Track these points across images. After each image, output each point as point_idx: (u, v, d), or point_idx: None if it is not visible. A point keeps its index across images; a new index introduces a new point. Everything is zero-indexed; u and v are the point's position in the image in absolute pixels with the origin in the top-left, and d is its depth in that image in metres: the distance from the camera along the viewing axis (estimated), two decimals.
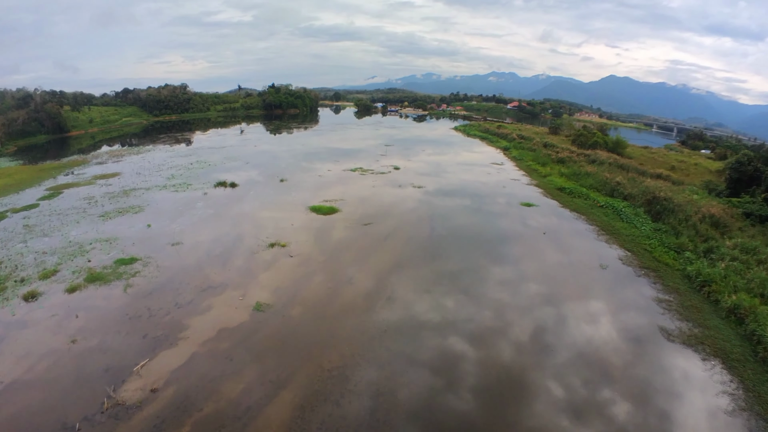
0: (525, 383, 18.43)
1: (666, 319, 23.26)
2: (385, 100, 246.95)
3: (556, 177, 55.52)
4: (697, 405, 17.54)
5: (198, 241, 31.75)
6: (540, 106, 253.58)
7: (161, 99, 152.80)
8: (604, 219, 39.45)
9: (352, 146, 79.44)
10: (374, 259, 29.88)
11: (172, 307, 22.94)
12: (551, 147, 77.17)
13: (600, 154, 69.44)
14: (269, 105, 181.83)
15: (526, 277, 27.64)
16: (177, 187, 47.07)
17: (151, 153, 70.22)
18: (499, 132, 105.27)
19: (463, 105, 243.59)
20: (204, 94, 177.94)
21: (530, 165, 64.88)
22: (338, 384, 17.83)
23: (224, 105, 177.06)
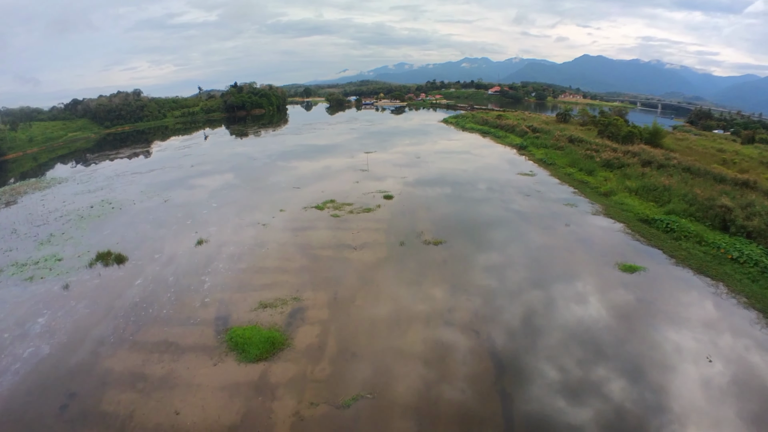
0: None
1: None
2: (358, 93, 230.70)
3: (625, 196, 39.14)
4: None
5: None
6: (523, 90, 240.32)
7: (112, 108, 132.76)
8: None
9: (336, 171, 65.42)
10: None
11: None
12: (581, 143, 62.00)
13: (649, 150, 54.05)
14: (231, 107, 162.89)
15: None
16: (35, 269, 27.63)
17: (61, 187, 51.57)
18: (502, 124, 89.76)
19: (441, 93, 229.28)
20: (160, 100, 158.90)
21: (572, 174, 48.82)
22: None
23: (183, 110, 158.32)
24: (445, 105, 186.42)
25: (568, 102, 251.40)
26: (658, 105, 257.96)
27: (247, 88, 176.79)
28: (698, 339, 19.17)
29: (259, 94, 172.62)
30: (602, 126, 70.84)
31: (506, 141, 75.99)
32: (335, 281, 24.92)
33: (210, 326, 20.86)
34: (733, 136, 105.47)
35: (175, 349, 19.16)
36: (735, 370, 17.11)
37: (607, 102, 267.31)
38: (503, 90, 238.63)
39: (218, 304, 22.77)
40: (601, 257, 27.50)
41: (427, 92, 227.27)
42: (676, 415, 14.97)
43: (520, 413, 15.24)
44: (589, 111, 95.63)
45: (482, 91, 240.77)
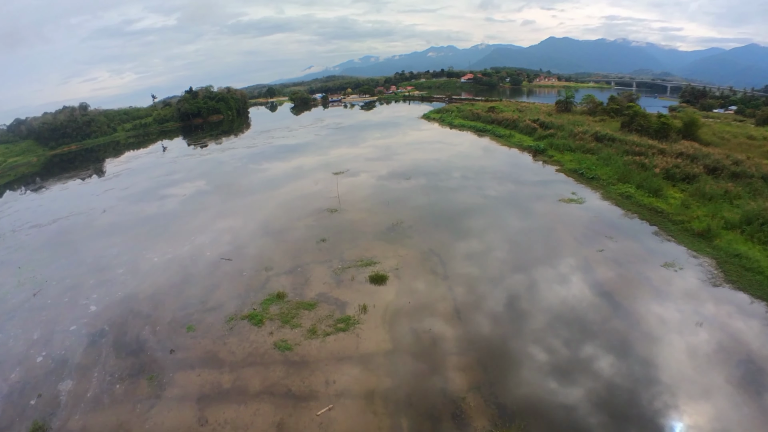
0: None
1: None
2: (324, 90, 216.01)
3: (733, 238, 27.12)
4: None
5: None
6: (497, 76, 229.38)
7: (57, 126, 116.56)
8: None
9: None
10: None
11: None
12: (613, 142, 50.46)
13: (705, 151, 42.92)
14: (186, 114, 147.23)
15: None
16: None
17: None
18: (499, 118, 77.51)
19: (412, 84, 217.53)
20: (110, 112, 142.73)
21: (632, 196, 36.34)
22: None
23: (134, 122, 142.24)
24: (420, 97, 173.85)
25: (544, 85, 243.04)
26: (632, 83, 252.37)
27: (204, 93, 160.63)
28: None
29: (216, 98, 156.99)
30: (626, 117, 58.89)
31: (513, 142, 64.26)
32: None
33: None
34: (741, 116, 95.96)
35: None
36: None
37: (583, 84, 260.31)
38: (476, 77, 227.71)
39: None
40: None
41: (397, 84, 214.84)
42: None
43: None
44: (596, 97, 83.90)
45: (454, 80, 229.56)
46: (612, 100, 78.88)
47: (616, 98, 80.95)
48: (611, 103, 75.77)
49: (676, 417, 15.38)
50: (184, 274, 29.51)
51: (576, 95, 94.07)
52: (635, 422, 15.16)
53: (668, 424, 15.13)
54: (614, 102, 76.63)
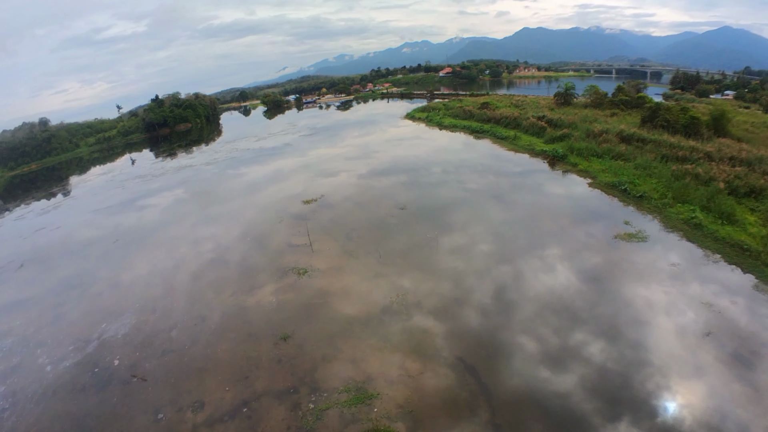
0: None
1: None
2: (299, 91, 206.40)
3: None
4: None
5: None
6: (476, 68, 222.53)
7: (16, 145, 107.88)
8: None
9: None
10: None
11: None
12: (644, 143, 43.75)
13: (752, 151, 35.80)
14: (151, 125, 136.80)
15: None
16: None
17: None
18: (496, 116, 69.54)
19: (389, 81, 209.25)
20: (73, 126, 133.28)
21: (700, 222, 28.63)
22: None
23: (98, 136, 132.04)
24: (399, 94, 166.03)
25: (524, 76, 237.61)
26: (612, 70, 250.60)
27: (170, 101, 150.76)
28: None
29: (183, 105, 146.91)
30: (646, 111, 51.86)
31: (520, 145, 56.35)
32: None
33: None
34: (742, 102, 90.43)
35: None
36: None
37: (563, 73, 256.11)
38: (455, 70, 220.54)
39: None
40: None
41: (373, 82, 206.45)
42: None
43: None
44: (600, 88, 76.93)
45: (432, 74, 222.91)
46: (620, 90, 71.90)
47: (624, 88, 74.03)
48: (620, 94, 68.74)
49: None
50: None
51: (556, 84, 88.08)
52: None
53: None
54: (623, 92, 69.60)
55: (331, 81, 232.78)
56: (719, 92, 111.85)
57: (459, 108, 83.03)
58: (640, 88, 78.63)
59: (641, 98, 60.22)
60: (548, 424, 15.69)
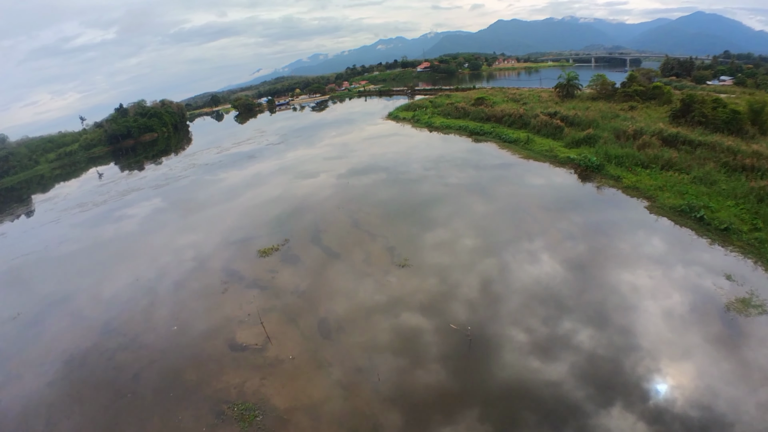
0: None
1: None
2: (273, 92, 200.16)
3: None
4: None
5: None
6: (454, 62, 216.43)
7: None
8: None
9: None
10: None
11: None
12: (692, 146, 37.36)
13: None
14: (114, 137, 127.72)
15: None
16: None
17: None
18: (494, 113, 62.16)
19: (365, 78, 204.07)
20: (33, 142, 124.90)
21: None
22: None
23: (59, 151, 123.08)
24: (377, 92, 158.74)
25: (504, 68, 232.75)
26: (591, 59, 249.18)
27: (135, 110, 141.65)
28: None
29: (148, 114, 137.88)
30: (678, 104, 45.28)
31: (537, 151, 48.18)
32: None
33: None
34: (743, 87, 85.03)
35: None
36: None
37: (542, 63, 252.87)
38: (433, 65, 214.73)
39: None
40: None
41: (349, 80, 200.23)
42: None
43: None
44: (608, 78, 70.39)
45: (410, 70, 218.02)
46: (632, 79, 65.39)
47: (636, 77, 67.72)
48: (633, 84, 62.06)
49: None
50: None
51: (536, 77, 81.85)
52: None
53: None
54: (636, 82, 62.91)
55: (306, 81, 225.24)
56: (716, 77, 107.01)
57: (450, 105, 75.18)
58: (652, 77, 72.27)
59: (657, 88, 54.03)
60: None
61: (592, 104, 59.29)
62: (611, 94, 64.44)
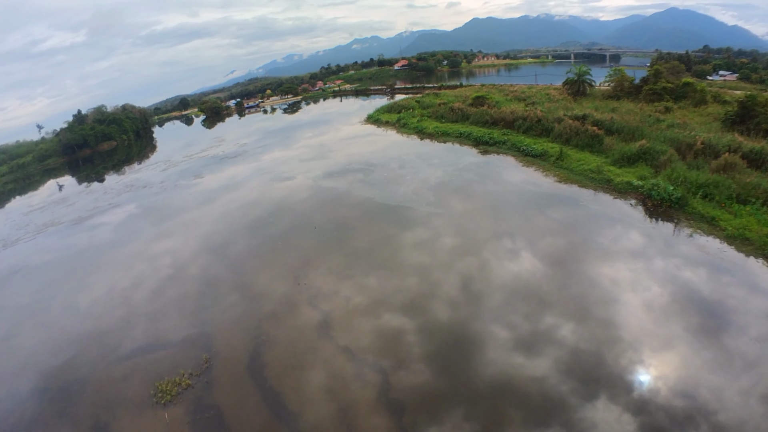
0: None
1: None
2: (244, 94, 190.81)
3: None
4: None
5: None
6: (433, 59, 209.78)
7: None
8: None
9: None
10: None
11: None
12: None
13: None
14: (69, 147, 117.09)
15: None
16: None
17: None
18: (502, 116, 53.15)
19: (340, 77, 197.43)
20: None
21: None
22: None
23: (12, 163, 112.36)
24: (353, 91, 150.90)
25: (484, 65, 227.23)
26: (570, 55, 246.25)
27: (93, 117, 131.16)
28: None
29: (107, 121, 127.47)
30: (739, 108, 37.98)
31: (576, 170, 38.56)
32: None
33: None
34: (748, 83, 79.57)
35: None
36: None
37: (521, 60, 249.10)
38: (411, 63, 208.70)
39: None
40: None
41: (324, 80, 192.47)
42: None
43: None
44: (628, 73, 63.22)
45: (387, 68, 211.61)
46: (657, 75, 57.33)
47: (662, 72, 59.30)
48: (659, 81, 54.59)
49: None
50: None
51: (516, 74, 75.10)
52: None
53: None
54: (662, 78, 55.36)
55: (279, 82, 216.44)
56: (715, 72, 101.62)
57: (442, 106, 65.99)
58: (679, 71, 65.38)
59: (689, 85, 47.34)
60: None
61: (618, 104, 51.88)
62: (632, 91, 57.30)
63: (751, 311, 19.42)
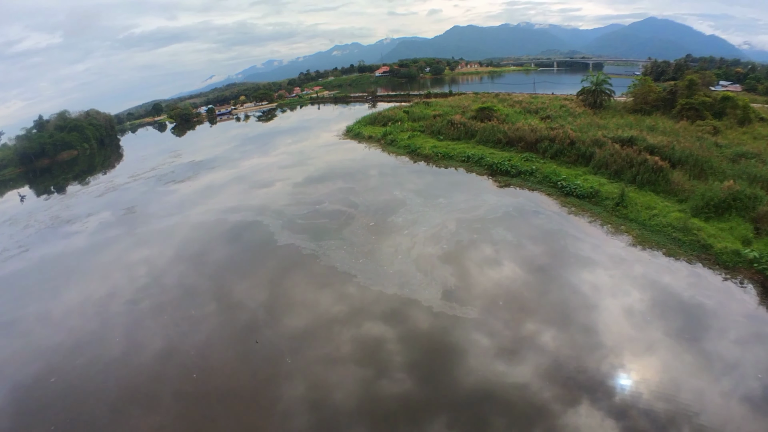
0: None
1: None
2: (221, 100, 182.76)
3: None
4: None
5: None
6: (415, 66, 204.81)
7: None
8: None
9: None
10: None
11: None
12: None
13: None
14: (26, 156, 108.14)
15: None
16: None
17: None
18: (522, 136, 43.79)
19: (319, 84, 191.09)
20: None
21: None
22: None
23: None
24: (332, 98, 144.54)
25: (467, 72, 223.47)
26: (553, 63, 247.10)
27: (54, 124, 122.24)
28: None
29: (68, 128, 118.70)
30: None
31: (658, 230, 27.54)
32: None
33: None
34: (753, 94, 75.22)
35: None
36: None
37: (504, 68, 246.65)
38: (393, 69, 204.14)
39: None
40: None
41: (302, 86, 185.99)
42: None
43: None
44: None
45: (368, 75, 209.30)
46: (692, 87, 49.94)
47: (696, 83, 52.03)
48: (694, 94, 48.00)
49: None
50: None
51: (503, 82, 69.36)
52: None
53: None
54: (697, 91, 48.98)
55: (256, 87, 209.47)
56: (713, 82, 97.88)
57: (438, 119, 56.23)
58: (709, 82, 59.38)
59: (728, 100, 41.85)
60: None
61: (653, 121, 44.70)
62: (659, 105, 50.97)
63: None
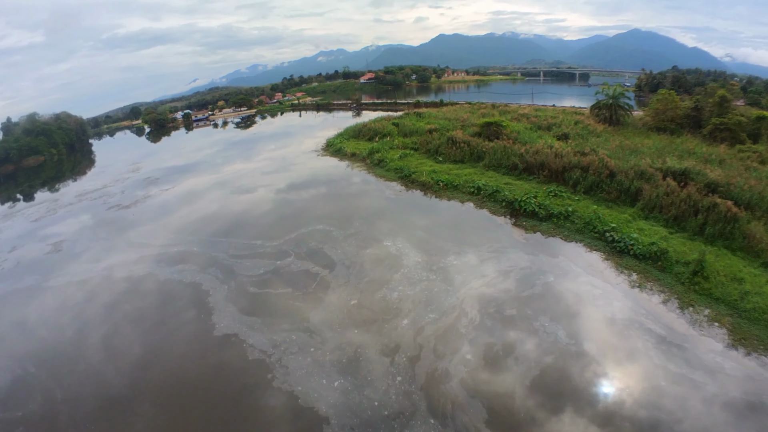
0: None
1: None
2: (202, 104, 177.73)
3: None
4: None
5: None
6: (401, 73, 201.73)
7: None
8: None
9: None
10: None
11: None
12: None
13: None
14: None
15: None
16: None
17: None
18: (548, 161, 35.73)
19: (302, 89, 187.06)
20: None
21: None
22: None
23: None
24: (314, 105, 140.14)
25: (454, 80, 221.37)
26: (539, 73, 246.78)
27: (25, 125, 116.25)
28: None
29: (35, 132, 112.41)
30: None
31: (717, 302, 20.60)
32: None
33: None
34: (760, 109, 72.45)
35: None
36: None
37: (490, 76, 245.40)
38: (378, 76, 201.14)
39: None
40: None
41: (284, 91, 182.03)
42: None
43: None
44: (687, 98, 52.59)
45: (352, 81, 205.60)
46: (723, 105, 44.84)
47: (729, 99, 46.78)
48: (731, 113, 43.28)
49: None
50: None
51: (490, 91, 65.22)
52: None
53: None
54: (729, 109, 44.33)
55: (237, 91, 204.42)
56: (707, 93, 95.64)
57: (435, 135, 49.02)
58: (738, 98, 54.91)
59: (763, 120, 38.25)
60: None
61: (691, 145, 40.13)
62: (682, 123, 46.73)
63: None
